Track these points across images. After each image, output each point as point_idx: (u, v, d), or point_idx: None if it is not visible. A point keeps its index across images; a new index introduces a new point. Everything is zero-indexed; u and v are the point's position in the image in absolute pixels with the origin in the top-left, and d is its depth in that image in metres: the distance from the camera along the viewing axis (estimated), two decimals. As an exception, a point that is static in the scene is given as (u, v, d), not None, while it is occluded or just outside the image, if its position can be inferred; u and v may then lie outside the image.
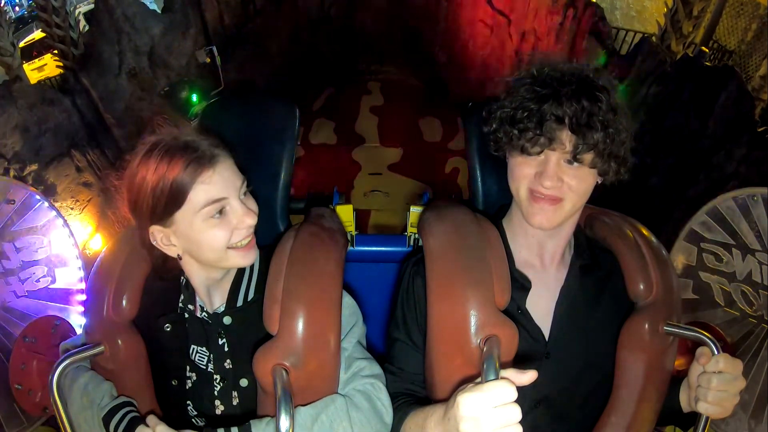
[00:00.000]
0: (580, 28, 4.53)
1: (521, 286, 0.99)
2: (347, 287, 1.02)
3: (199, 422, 1.01)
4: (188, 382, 1.01)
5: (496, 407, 0.68)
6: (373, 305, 1.24)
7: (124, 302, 1.00)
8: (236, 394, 0.99)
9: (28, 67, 6.04)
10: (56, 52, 3.92)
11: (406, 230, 1.56)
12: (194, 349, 1.01)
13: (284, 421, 0.80)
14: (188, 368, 1.01)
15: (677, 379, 1.00)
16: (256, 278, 1.02)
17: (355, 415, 0.91)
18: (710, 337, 0.91)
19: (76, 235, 2.00)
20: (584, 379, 0.99)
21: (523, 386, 0.71)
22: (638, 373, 0.96)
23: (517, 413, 0.68)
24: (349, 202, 1.54)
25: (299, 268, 0.93)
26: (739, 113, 3.11)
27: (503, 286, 0.91)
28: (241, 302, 1.00)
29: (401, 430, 0.94)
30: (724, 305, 1.77)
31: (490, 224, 1.00)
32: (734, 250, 1.76)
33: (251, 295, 1.00)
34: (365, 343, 1.04)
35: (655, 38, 4.03)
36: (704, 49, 4.34)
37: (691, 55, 3.76)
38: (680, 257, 1.88)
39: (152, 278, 1.03)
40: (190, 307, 1.01)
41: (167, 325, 1.01)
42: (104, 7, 3.90)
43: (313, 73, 5.91)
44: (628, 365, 0.96)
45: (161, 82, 4.22)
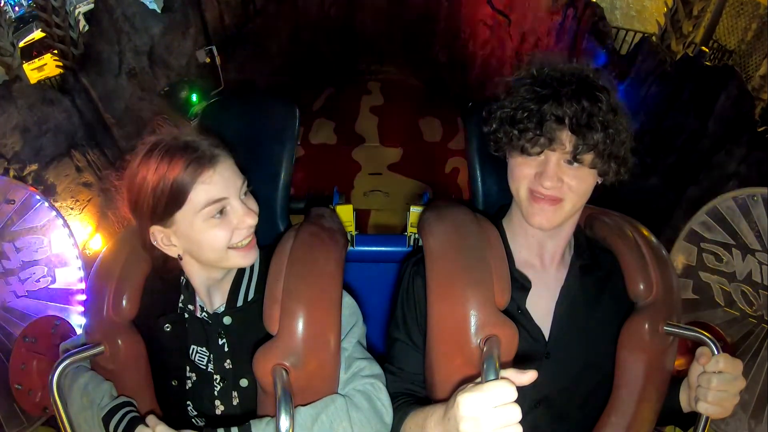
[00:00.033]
0: (580, 28, 4.53)
1: (521, 286, 0.99)
2: (347, 287, 1.02)
3: (199, 422, 1.01)
4: (188, 382, 1.01)
5: (496, 407, 0.68)
6: (373, 305, 1.24)
7: (124, 302, 1.00)
8: (236, 394, 0.99)
9: (27, 67, 6.03)
10: (56, 51, 3.92)
11: (406, 230, 1.56)
12: (194, 349, 1.01)
13: (284, 421, 0.80)
14: (188, 368, 1.01)
15: (677, 379, 1.00)
16: (256, 278, 1.02)
17: (355, 415, 0.91)
18: (710, 337, 0.91)
19: (76, 235, 2.00)
20: (584, 379, 0.99)
21: (523, 386, 0.71)
22: (638, 373, 0.96)
23: (517, 413, 0.68)
24: (349, 202, 1.54)
25: (299, 268, 0.93)
26: (739, 113, 3.11)
27: (503, 286, 0.91)
28: (241, 302, 1.00)
29: (401, 430, 0.94)
30: (724, 305, 1.77)
31: (490, 224, 1.00)
32: (734, 250, 1.76)
33: (251, 295, 1.00)
34: (365, 343, 1.04)
35: (655, 38, 4.02)
36: (704, 48, 4.33)
37: (691, 54, 3.76)
38: (680, 257, 1.88)
39: (152, 278, 1.03)
40: (190, 307, 1.01)
41: (167, 325, 1.01)
42: (104, 6, 3.90)
43: (313, 73, 5.91)
44: (628, 365, 0.97)
45: (161, 82, 4.22)
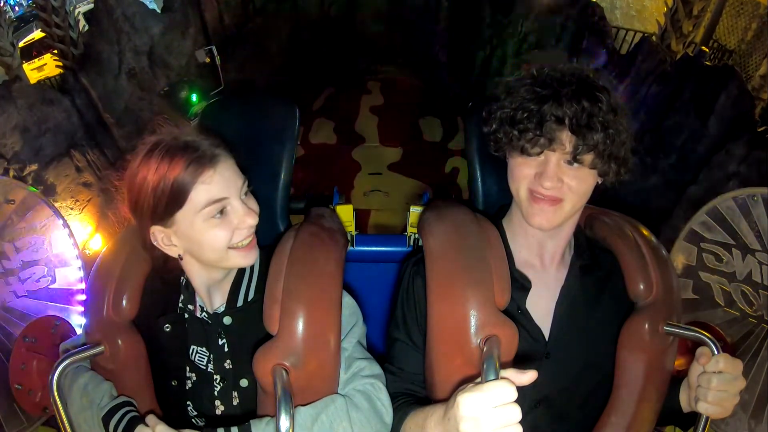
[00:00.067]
0: (579, 28, 4.53)
1: (521, 286, 0.99)
2: (347, 287, 1.02)
3: (199, 422, 1.01)
4: (188, 382, 1.01)
5: (496, 407, 0.68)
6: (373, 305, 1.24)
7: (124, 302, 1.00)
8: (236, 394, 0.99)
9: (27, 66, 6.03)
10: (56, 51, 3.92)
11: (406, 230, 1.56)
12: (194, 349, 1.01)
13: (284, 421, 0.80)
14: (188, 369, 1.01)
15: (677, 379, 1.00)
16: (256, 278, 1.02)
17: (355, 415, 0.91)
18: (710, 337, 0.91)
19: (76, 235, 2.00)
20: (584, 379, 0.99)
21: (523, 386, 0.71)
22: (638, 373, 0.95)
23: (517, 413, 0.68)
24: (349, 202, 1.54)
25: (299, 268, 0.93)
26: (739, 113, 3.11)
27: (503, 286, 0.91)
28: (241, 302, 1.00)
29: (401, 430, 0.94)
30: (724, 305, 1.77)
31: (490, 224, 1.00)
32: (734, 250, 1.76)
33: (251, 295, 1.00)
34: (365, 343, 1.04)
35: (655, 38, 4.02)
36: (704, 48, 4.34)
37: (691, 54, 3.76)
38: (680, 257, 1.88)
39: (152, 278, 1.03)
40: (189, 307, 1.01)
41: (167, 325, 1.01)
42: (104, 6, 3.90)
43: (313, 73, 5.91)
44: (628, 365, 0.96)
45: (161, 82, 4.22)
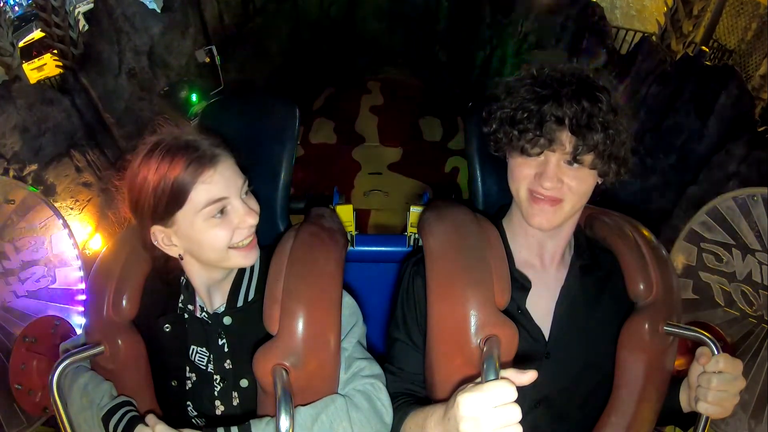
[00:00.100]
0: (579, 28, 4.53)
1: (521, 286, 0.99)
2: (347, 287, 1.02)
3: (199, 422, 1.01)
4: (188, 382, 1.01)
5: (496, 407, 0.68)
6: (373, 305, 1.24)
7: (124, 302, 1.00)
8: (236, 394, 0.99)
9: (27, 66, 6.03)
10: (56, 51, 3.92)
11: (406, 230, 1.56)
12: (194, 349, 1.01)
13: (284, 421, 0.80)
14: (188, 369, 1.01)
15: (677, 379, 1.00)
16: (256, 278, 1.02)
17: (355, 415, 0.91)
18: (710, 337, 0.91)
19: (76, 235, 2.00)
20: (584, 379, 0.99)
21: (523, 386, 0.71)
22: (638, 373, 0.96)
23: (517, 413, 0.68)
24: (349, 202, 1.54)
25: (299, 268, 0.93)
26: (739, 113, 3.10)
27: (503, 286, 0.91)
28: (241, 302, 1.00)
29: (401, 430, 0.94)
30: (724, 305, 1.77)
31: (490, 224, 1.00)
32: (734, 250, 1.76)
33: (251, 295, 1.00)
34: (365, 343, 1.04)
35: (655, 37, 4.02)
36: (704, 48, 4.34)
37: (691, 54, 3.75)
38: (680, 257, 1.88)
39: (152, 278, 1.03)
40: (189, 307, 1.01)
41: (167, 325, 1.01)
42: (103, 6, 3.90)
43: (313, 73, 5.91)
44: (628, 365, 0.96)
45: (161, 82, 4.22)
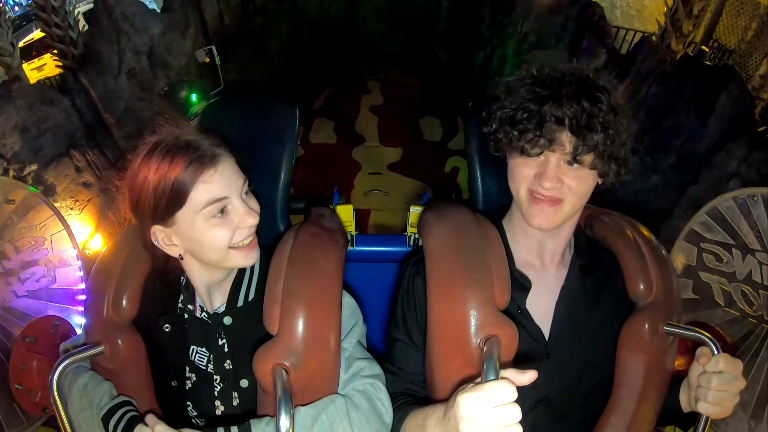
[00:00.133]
0: (579, 27, 4.52)
1: (521, 286, 0.99)
2: (347, 287, 1.02)
3: (199, 423, 1.01)
4: (188, 382, 1.01)
5: (496, 407, 0.68)
6: (373, 305, 1.24)
7: (124, 302, 1.00)
8: (236, 394, 0.99)
9: (27, 66, 6.03)
10: (55, 51, 3.91)
11: (406, 230, 1.56)
12: (194, 349, 1.01)
13: (284, 421, 0.80)
14: (188, 369, 1.01)
15: (677, 379, 1.00)
16: (256, 278, 1.02)
17: (355, 415, 0.91)
18: (710, 337, 0.91)
19: (76, 235, 2.00)
20: (584, 379, 0.99)
21: (523, 386, 0.71)
22: (638, 373, 0.96)
23: (517, 413, 0.68)
24: (349, 202, 1.54)
25: (299, 268, 0.93)
26: (739, 113, 3.10)
27: (503, 286, 0.91)
28: (241, 302, 1.00)
29: (401, 430, 0.94)
30: (724, 305, 1.77)
31: (490, 224, 1.00)
32: (734, 250, 1.76)
33: (252, 295, 1.00)
34: (365, 343, 1.04)
35: (655, 37, 4.02)
36: (704, 48, 4.33)
37: (691, 54, 3.75)
38: (680, 257, 1.88)
39: (152, 278, 1.03)
40: (189, 307, 1.01)
41: (167, 325, 1.01)
42: (103, 6, 3.89)
43: (313, 73, 5.92)
44: (628, 365, 0.97)
45: (161, 82, 4.21)
